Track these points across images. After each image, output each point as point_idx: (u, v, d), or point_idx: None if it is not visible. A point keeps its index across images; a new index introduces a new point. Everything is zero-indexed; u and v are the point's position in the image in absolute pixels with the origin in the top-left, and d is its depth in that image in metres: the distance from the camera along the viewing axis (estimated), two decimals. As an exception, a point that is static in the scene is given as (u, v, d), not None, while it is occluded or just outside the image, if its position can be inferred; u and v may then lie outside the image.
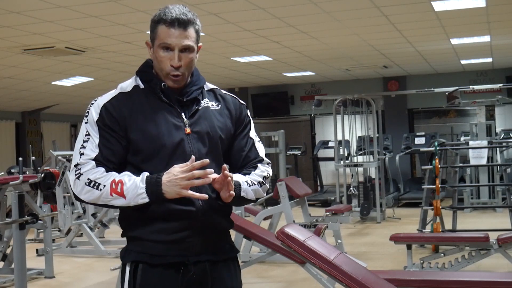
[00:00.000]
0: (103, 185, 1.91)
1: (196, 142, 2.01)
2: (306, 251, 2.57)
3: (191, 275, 1.99)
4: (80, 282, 6.33)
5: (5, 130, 14.35)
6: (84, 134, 1.99)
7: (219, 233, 2.08)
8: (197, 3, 6.56)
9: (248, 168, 2.12)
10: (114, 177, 1.92)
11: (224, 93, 2.19)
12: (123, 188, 1.90)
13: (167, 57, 1.99)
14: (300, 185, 7.51)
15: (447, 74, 13.64)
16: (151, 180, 1.90)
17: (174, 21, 1.97)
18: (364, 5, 7.18)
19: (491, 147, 9.53)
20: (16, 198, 5.27)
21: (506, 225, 7.48)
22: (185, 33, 1.99)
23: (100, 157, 1.95)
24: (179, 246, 1.98)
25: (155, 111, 2.01)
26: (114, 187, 1.90)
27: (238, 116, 2.15)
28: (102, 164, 1.95)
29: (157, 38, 2.00)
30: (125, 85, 2.08)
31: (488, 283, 3.71)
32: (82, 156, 1.96)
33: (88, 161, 1.94)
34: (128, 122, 1.98)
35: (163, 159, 1.97)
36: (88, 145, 1.97)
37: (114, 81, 11.67)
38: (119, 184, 1.90)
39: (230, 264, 2.10)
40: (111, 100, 2.02)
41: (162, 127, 1.99)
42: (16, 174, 8.06)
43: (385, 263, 6.56)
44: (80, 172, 1.94)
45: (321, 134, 15.06)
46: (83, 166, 1.94)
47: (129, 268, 2.00)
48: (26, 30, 7.55)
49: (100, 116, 1.99)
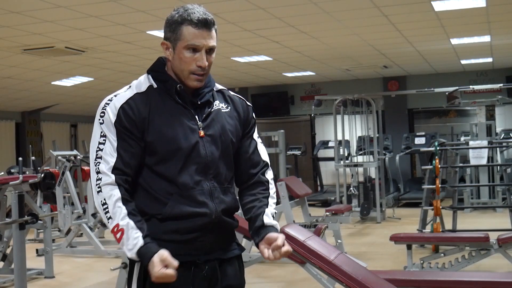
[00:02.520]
0: (110, 217, 1.93)
1: (210, 145, 2.02)
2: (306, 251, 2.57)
3: (202, 274, 2.01)
4: (80, 282, 6.33)
5: (5, 130, 14.35)
6: (100, 135, 1.97)
7: (228, 233, 2.11)
8: (197, 3, 6.55)
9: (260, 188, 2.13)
10: (118, 221, 1.92)
11: (232, 94, 2.20)
12: (122, 238, 1.92)
13: (193, 57, 1.98)
14: (300, 185, 7.51)
15: (447, 74, 13.64)
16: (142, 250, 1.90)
17: (201, 22, 1.97)
18: (364, 5, 7.18)
19: (491, 147, 9.52)
20: (16, 198, 5.27)
21: (506, 225, 7.47)
22: (211, 34, 1.99)
23: (120, 163, 1.95)
24: (191, 246, 2.00)
25: (171, 113, 2.00)
26: (115, 231, 1.92)
27: (246, 118, 2.17)
28: (121, 175, 1.94)
29: (182, 39, 1.98)
30: (140, 84, 2.05)
31: (488, 283, 3.71)
32: (101, 161, 1.95)
33: (108, 173, 1.94)
34: (146, 124, 1.98)
35: (178, 161, 1.98)
36: (106, 148, 1.96)
37: (114, 81, 11.67)
38: (119, 232, 1.92)
39: (236, 262, 2.13)
40: (128, 101, 1.99)
41: (178, 129, 1.99)
42: (16, 174, 8.06)
43: (385, 263, 6.56)
44: (100, 186, 1.94)
45: (321, 134, 15.05)
46: (103, 178, 1.94)
47: (139, 267, 2.00)
48: (26, 30, 7.55)
49: (117, 117, 1.96)
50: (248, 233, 2.09)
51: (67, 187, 7.92)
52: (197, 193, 1.98)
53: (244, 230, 5.28)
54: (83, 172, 8.37)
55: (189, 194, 1.97)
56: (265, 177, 2.16)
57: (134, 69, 10.51)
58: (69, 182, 7.86)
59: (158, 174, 1.98)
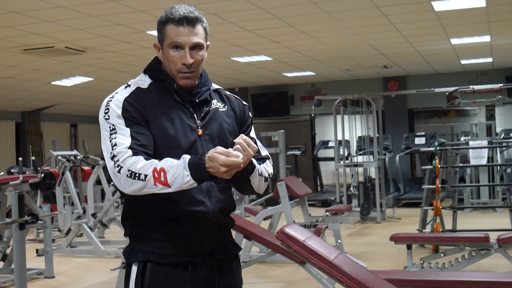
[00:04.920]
0: (145, 174, 1.86)
1: (207, 144, 2.02)
2: (306, 251, 2.56)
3: (200, 274, 2.01)
4: (80, 282, 6.32)
5: (5, 130, 14.35)
6: (109, 128, 1.94)
7: (225, 232, 2.12)
8: (197, 3, 6.53)
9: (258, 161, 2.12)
10: (155, 165, 1.86)
11: (228, 93, 2.21)
12: (166, 177, 1.85)
13: (177, 56, 1.99)
14: (300, 185, 7.50)
15: (447, 74, 13.64)
16: (193, 165, 1.85)
17: (182, 19, 1.97)
18: (364, 5, 7.18)
19: (491, 147, 9.52)
20: (16, 198, 5.27)
21: (506, 225, 7.47)
22: (194, 31, 1.99)
23: (135, 145, 1.91)
24: (188, 245, 2.00)
25: (171, 110, 2.01)
26: (157, 177, 1.85)
27: (242, 117, 2.17)
28: (138, 152, 1.90)
29: (166, 38, 1.99)
30: (140, 81, 2.05)
31: (488, 283, 3.70)
32: (115, 147, 1.90)
33: (124, 150, 1.89)
34: (149, 116, 1.97)
35: (176, 159, 1.96)
36: (118, 136, 1.92)
37: (114, 81, 11.67)
38: (161, 172, 1.85)
39: (233, 262, 2.14)
40: (131, 94, 2.00)
41: (178, 128, 1.99)
42: (16, 174, 8.05)
43: (385, 263, 6.56)
44: (119, 165, 1.88)
45: (321, 134, 15.06)
46: (120, 157, 1.88)
47: (136, 268, 1.99)
48: (26, 30, 7.55)
49: (123, 109, 1.95)
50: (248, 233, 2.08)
51: (67, 187, 7.92)
52: (194, 191, 1.96)
53: (243, 230, 5.27)
54: (83, 172, 8.37)
55: (187, 193, 1.94)
56: (267, 160, 2.13)
57: (134, 69, 10.50)
58: (69, 182, 7.86)
59: None
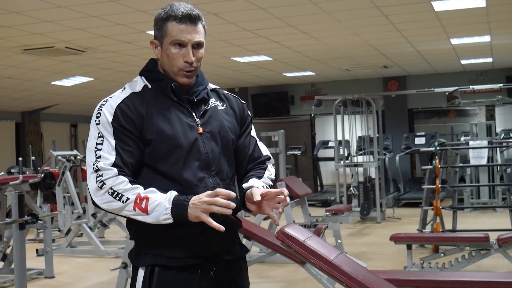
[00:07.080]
0: (127, 197, 1.87)
1: (209, 142, 2.01)
2: (306, 251, 2.56)
3: (209, 276, 1.99)
4: (80, 282, 6.32)
5: (5, 130, 14.35)
6: (97, 136, 1.93)
7: (233, 232, 2.09)
8: (197, 3, 6.50)
9: (258, 167, 2.12)
10: (140, 191, 1.87)
11: (226, 93, 2.20)
12: (147, 205, 1.86)
13: (179, 53, 1.97)
14: (300, 185, 7.50)
15: (447, 74, 13.64)
16: (177, 202, 1.86)
17: (185, 17, 1.96)
18: (364, 5, 7.18)
19: (491, 147, 9.52)
20: (16, 198, 5.27)
21: (506, 225, 7.47)
22: (196, 29, 1.99)
23: (119, 162, 1.90)
24: (197, 248, 1.97)
25: (168, 111, 1.99)
26: (138, 202, 1.86)
27: (242, 116, 2.16)
28: (123, 171, 1.90)
29: (168, 35, 1.97)
30: (134, 85, 2.03)
31: (488, 283, 3.70)
32: (100, 159, 1.90)
33: (109, 167, 1.89)
34: (144, 122, 1.95)
35: (179, 159, 1.95)
36: (104, 147, 1.91)
37: (114, 81, 11.67)
38: (144, 200, 1.86)
39: (241, 263, 2.12)
40: (124, 100, 1.97)
41: (177, 127, 1.97)
42: (16, 174, 8.06)
43: (385, 263, 6.56)
44: (102, 181, 1.88)
45: (321, 134, 15.05)
46: (104, 173, 1.88)
47: (144, 272, 1.97)
48: (26, 30, 7.55)
49: (114, 116, 1.93)
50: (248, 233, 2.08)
51: (67, 187, 7.92)
52: (201, 190, 1.93)
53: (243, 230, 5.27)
54: (83, 172, 8.37)
55: (193, 192, 1.91)
56: (265, 164, 2.15)
57: (134, 69, 10.49)
58: (69, 182, 7.86)
59: (160, 173, 1.95)
